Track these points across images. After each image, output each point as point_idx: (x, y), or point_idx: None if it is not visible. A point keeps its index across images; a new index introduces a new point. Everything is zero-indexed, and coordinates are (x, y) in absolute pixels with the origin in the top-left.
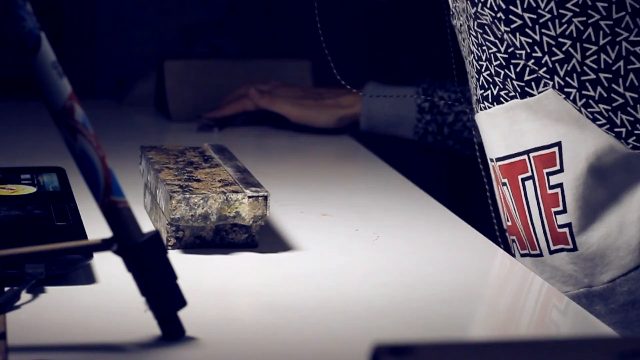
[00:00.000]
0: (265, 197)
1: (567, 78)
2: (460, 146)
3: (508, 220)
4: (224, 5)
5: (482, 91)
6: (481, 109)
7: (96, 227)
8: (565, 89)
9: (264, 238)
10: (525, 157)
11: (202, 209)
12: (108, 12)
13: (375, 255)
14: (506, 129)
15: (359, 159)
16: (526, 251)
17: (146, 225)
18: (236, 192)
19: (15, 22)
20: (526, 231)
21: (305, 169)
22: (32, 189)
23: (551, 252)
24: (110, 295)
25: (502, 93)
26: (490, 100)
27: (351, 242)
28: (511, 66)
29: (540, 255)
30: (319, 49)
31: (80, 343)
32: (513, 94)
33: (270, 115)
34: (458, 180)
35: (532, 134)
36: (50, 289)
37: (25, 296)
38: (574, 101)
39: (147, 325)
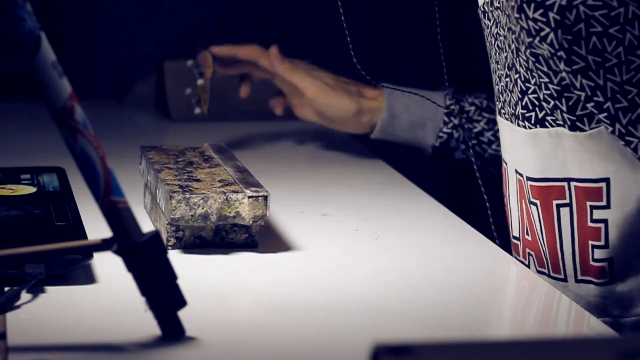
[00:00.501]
0: (265, 197)
1: (629, 127)
2: (483, 161)
3: (528, 235)
4: (224, 5)
5: (525, 111)
6: (519, 126)
7: (96, 227)
8: (627, 137)
9: (264, 238)
10: (565, 184)
11: (202, 209)
12: (108, 12)
13: (375, 255)
14: (548, 153)
15: (360, 159)
16: (545, 270)
17: (146, 225)
18: (236, 192)
19: (15, 22)
20: (551, 253)
21: (305, 169)
22: (32, 189)
23: (577, 281)
24: (110, 295)
25: (548, 118)
26: (533, 122)
27: (351, 242)
28: (563, 99)
29: (564, 280)
30: (319, 49)
31: (80, 343)
32: (561, 123)
33: (274, 91)
34: (458, 179)
35: (577, 164)
36: (50, 289)
37: (25, 296)
38: (635, 150)
39: (147, 325)
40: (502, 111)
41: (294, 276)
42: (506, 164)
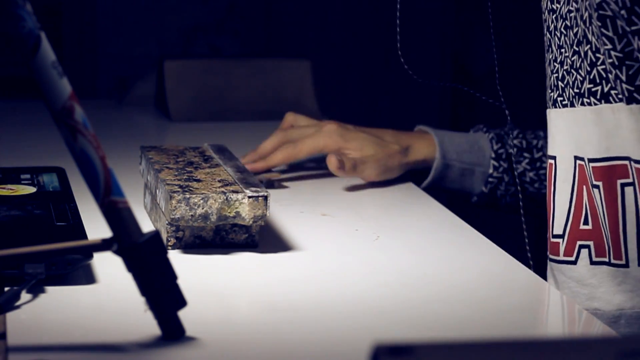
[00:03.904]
0: (265, 197)
1: None
2: (525, 201)
3: (586, 224)
4: (224, 5)
5: (592, 85)
6: (583, 104)
7: (96, 227)
8: None
9: (264, 238)
10: (627, 162)
11: (202, 209)
12: (108, 12)
13: (375, 255)
14: (611, 130)
15: None
16: (605, 259)
17: (146, 225)
18: (236, 192)
19: (15, 22)
20: (613, 237)
21: (305, 169)
22: (32, 189)
23: None
24: (110, 295)
25: (612, 92)
26: (598, 97)
27: (351, 242)
28: (624, 67)
29: (625, 265)
30: (319, 49)
31: (80, 343)
32: (621, 96)
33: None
34: None
35: (631, 144)
36: (50, 289)
37: (25, 296)
38: None
39: (147, 325)
40: (560, 99)
41: (294, 276)
42: (553, 158)
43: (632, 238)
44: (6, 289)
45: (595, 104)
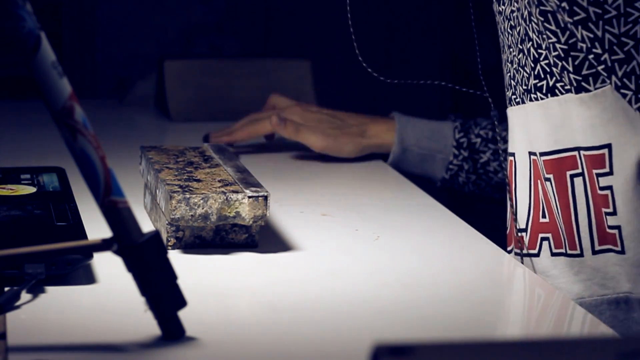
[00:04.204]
0: (265, 197)
1: (624, 79)
2: (490, 189)
3: (544, 217)
4: (224, 5)
5: (537, 81)
6: (531, 99)
7: (96, 227)
8: (622, 90)
9: (264, 238)
10: (575, 153)
11: (202, 209)
12: (108, 12)
13: (375, 255)
14: (558, 122)
15: (359, 159)
16: (562, 250)
17: (146, 225)
18: (236, 192)
19: (15, 22)
20: (567, 229)
21: (305, 169)
22: (32, 189)
23: (595, 253)
24: (110, 295)
25: (558, 85)
26: (544, 92)
27: (351, 242)
28: (570, 58)
29: (580, 255)
30: (319, 49)
31: (80, 343)
32: (569, 87)
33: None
34: None
35: (582, 132)
36: (50, 289)
37: (25, 296)
38: (629, 103)
39: (147, 325)
40: (513, 97)
41: (294, 276)
42: (513, 156)
43: (585, 228)
44: (6, 289)
45: (542, 99)
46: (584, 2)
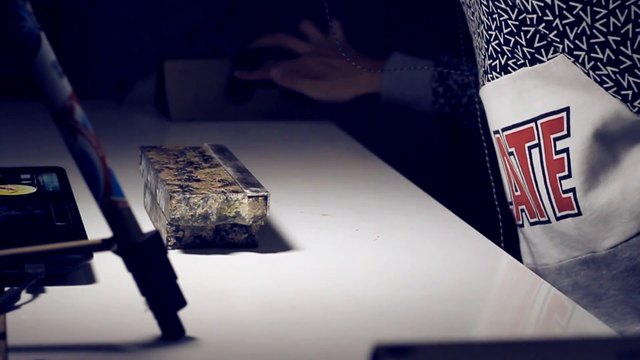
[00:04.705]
0: (265, 197)
1: (576, 41)
2: (475, 124)
3: (517, 190)
4: (224, 6)
5: (491, 61)
6: (488, 80)
7: (96, 227)
8: (575, 52)
9: (264, 238)
10: (532, 124)
11: (202, 209)
12: (108, 12)
13: (375, 255)
14: (514, 97)
15: (360, 159)
16: (536, 219)
17: (146, 225)
18: (236, 192)
19: (15, 22)
20: (534, 198)
21: (305, 169)
22: (32, 189)
23: (558, 219)
24: (110, 295)
25: (510, 62)
26: (498, 70)
27: (351, 242)
28: (522, 33)
29: (548, 221)
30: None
31: (80, 343)
32: (522, 61)
33: (275, 92)
34: (459, 179)
35: (540, 100)
36: (50, 289)
37: (25, 296)
38: (582, 64)
39: (147, 325)
40: (480, 80)
41: (294, 276)
42: (495, 133)
43: (545, 196)
44: (6, 289)
45: (497, 77)
46: None
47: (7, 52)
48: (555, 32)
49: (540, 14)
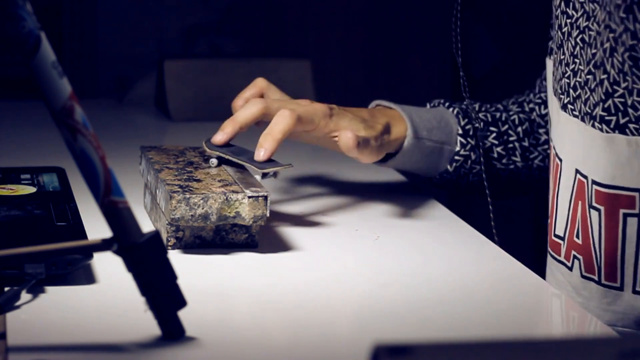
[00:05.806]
0: (265, 197)
1: None
2: (491, 179)
3: (577, 238)
4: (224, 5)
5: (605, 114)
6: (594, 126)
7: (96, 227)
8: None
9: (264, 238)
10: (636, 194)
11: (202, 209)
12: (108, 12)
13: (375, 256)
14: (623, 161)
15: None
16: (593, 277)
17: (146, 225)
18: (236, 192)
19: (15, 22)
20: (609, 262)
21: (305, 169)
22: (32, 189)
23: (635, 292)
24: (110, 295)
25: (630, 125)
26: (611, 127)
27: (351, 242)
28: None
29: (620, 289)
30: (319, 49)
31: (80, 343)
32: None
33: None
34: None
35: None
36: (50, 289)
37: (25, 296)
38: None
39: (147, 325)
40: (571, 107)
41: (294, 276)
42: (561, 160)
43: (630, 266)
44: (6, 289)
45: (608, 132)
46: None
47: (7, 52)
48: None
49: None
